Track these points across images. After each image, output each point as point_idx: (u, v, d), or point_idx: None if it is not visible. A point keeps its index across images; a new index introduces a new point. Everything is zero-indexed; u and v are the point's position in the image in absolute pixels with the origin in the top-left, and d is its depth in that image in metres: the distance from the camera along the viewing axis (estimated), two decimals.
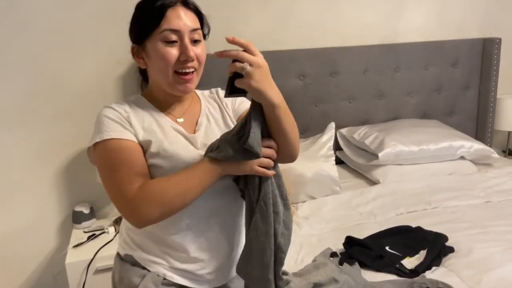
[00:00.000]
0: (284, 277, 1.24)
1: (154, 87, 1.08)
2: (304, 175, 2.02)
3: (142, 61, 1.05)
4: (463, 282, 1.34)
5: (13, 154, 1.98)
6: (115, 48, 2.04)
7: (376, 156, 2.18)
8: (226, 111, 1.14)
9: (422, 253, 1.48)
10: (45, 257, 2.12)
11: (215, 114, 1.13)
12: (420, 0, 2.55)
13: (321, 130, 2.29)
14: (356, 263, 1.41)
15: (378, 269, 1.42)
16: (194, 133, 1.07)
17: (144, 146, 1.00)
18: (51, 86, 1.98)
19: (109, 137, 0.97)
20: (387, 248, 1.51)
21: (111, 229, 1.98)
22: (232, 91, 0.89)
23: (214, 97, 1.17)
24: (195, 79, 1.03)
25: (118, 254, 1.14)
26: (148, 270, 1.06)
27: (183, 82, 1.01)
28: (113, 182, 0.96)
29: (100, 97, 2.05)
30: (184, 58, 0.99)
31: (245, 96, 0.97)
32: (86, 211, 2.02)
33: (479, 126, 2.76)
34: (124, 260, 1.11)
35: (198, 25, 1.02)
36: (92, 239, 1.92)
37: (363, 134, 2.34)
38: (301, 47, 2.32)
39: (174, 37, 0.98)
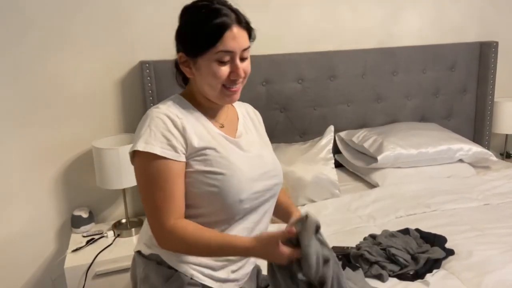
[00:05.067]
0: None
1: (198, 94, 1.10)
2: (304, 179, 2.02)
3: (189, 71, 1.07)
4: (463, 285, 1.34)
5: (12, 158, 1.98)
6: (114, 52, 2.04)
7: (375, 159, 2.19)
8: (260, 127, 1.25)
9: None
10: (43, 261, 2.11)
11: (249, 126, 1.20)
12: (417, 4, 2.56)
13: (320, 133, 2.30)
14: (360, 269, 1.40)
15: (379, 275, 1.41)
16: (236, 138, 1.12)
17: (199, 153, 1.02)
18: (50, 90, 1.98)
19: (152, 151, 0.98)
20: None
21: (110, 234, 1.98)
22: None
23: (248, 110, 1.25)
24: (240, 89, 1.08)
25: (139, 253, 1.14)
26: (175, 270, 1.06)
27: (231, 94, 1.05)
28: (152, 201, 0.99)
29: (99, 101, 2.05)
30: (234, 77, 1.03)
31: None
32: (85, 215, 2.02)
33: (477, 129, 2.77)
34: (148, 258, 1.11)
35: (248, 42, 1.05)
36: (91, 243, 1.91)
37: (362, 137, 2.34)
38: (300, 51, 2.33)
39: (227, 58, 1.01)
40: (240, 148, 1.10)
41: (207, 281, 1.08)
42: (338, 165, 2.40)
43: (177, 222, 0.98)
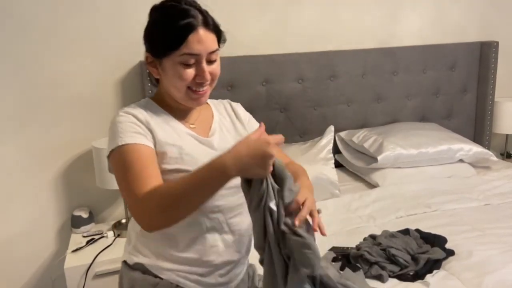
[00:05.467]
0: None
1: (166, 95, 1.09)
2: None
3: (155, 71, 1.06)
4: (463, 285, 1.34)
5: (12, 159, 1.98)
6: (114, 52, 2.04)
7: (375, 159, 2.19)
8: (238, 121, 1.19)
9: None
10: (43, 261, 2.11)
11: (226, 123, 1.17)
12: (417, 4, 2.56)
13: (320, 133, 2.29)
14: (361, 270, 1.40)
15: (379, 275, 1.41)
16: (208, 137, 1.10)
17: (164, 149, 1.01)
18: (50, 90, 1.98)
19: (123, 143, 0.97)
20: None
21: (110, 234, 1.98)
22: None
23: (225, 107, 1.22)
24: (208, 92, 1.06)
25: (125, 262, 1.12)
26: (161, 278, 1.05)
27: (197, 97, 1.04)
28: (125, 184, 0.96)
29: (99, 101, 2.05)
30: (200, 80, 1.01)
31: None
32: (85, 215, 2.02)
33: (477, 129, 2.77)
34: (133, 268, 1.09)
35: (216, 45, 1.03)
36: (91, 243, 1.91)
37: (362, 137, 2.34)
38: (300, 51, 2.33)
39: (192, 60, 0.99)
40: (211, 147, 1.07)
41: (193, 287, 1.05)
42: (338, 165, 2.40)
43: (149, 189, 0.92)
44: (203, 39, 0.98)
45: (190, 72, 1.00)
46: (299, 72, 2.32)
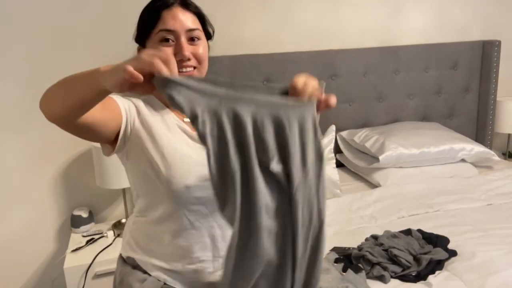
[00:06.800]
0: None
1: None
2: None
3: None
4: (466, 286, 1.33)
5: (11, 158, 1.97)
6: (115, 49, 2.03)
7: (376, 159, 2.18)
8: None
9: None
10: (43, 261, 2.11)
11: None
12: (419, 2, 2.55)
13: (321, 132, 2.28)
14: (363, 271, 1.39)
15: (381, 276, 1.40)
16: None
17: (146, 132, 1.00)
18: None
19: None
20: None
21: (110, 233, 1.97)
22: None
23: None
24: (195, 75, 1.04)
25: (120, 255, 1.13)
26: (149, 274, 1.04)
27: None
28: None
29: None
30: (179, 57, 0.99)
31: None
32: (84, 215, 2.01)
33: (479, 128, 2.75)
34: (126, 262, 1.10)
35: (197, 25, 1.03)
36: (90, 243, 1.90)
37: (364, 137, 2.33)
38: (301, 50, 2.32)
39: (170, 36, 1.00)
40: (198, 141, 1.04)
41: (181, 286, 1.04)
42: (339, 164, 2.39)
43: None
44: (178, 16, 1.00)
45: (169, 50, 0.99)
46: (299, 71, 2.29)
